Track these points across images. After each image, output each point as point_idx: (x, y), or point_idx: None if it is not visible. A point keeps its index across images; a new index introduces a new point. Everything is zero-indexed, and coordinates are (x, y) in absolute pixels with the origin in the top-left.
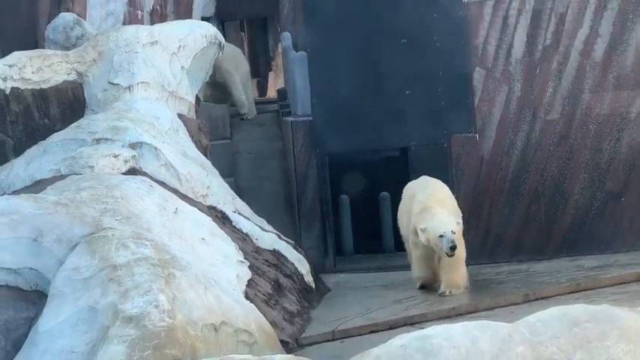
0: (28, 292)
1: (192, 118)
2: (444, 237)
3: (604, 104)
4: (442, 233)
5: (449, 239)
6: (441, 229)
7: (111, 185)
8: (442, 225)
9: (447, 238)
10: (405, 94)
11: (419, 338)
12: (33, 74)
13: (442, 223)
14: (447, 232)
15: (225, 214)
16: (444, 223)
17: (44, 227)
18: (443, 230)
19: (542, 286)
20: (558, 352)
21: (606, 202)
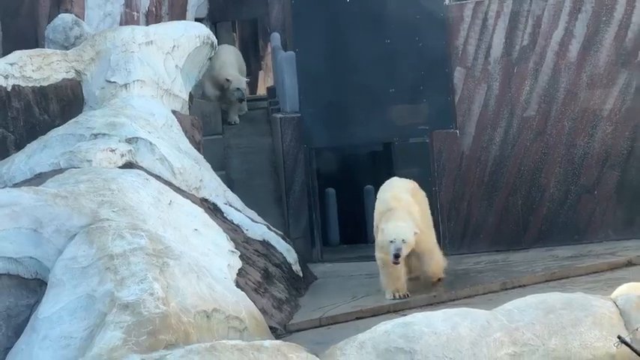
0: (28, 280)
1: (186, 114)
2: (393, 244)
3: (578, 102)
4: (392, 239)
5: (396, 247)
6: (392, 235)
7: (108, 178)
8: (395, 232)
9: (394, 246)
10: (388, 92)
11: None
12: (33, 72)
13: (396, 230)
14: (398, 240)
15: (217, 206)
16: (398, 229)
17: (44, 218)
18: (394, 237)
19: (519, 275)
20: (534, 338)
21: (580, 195)
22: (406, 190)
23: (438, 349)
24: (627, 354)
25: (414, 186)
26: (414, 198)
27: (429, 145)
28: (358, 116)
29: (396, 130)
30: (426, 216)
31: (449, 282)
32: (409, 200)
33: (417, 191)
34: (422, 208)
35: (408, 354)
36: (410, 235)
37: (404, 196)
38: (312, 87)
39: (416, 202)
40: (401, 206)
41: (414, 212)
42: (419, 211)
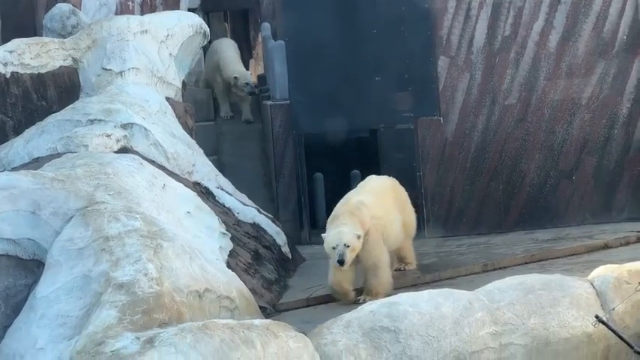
0: (26, 261)
1: (179, 101)
2: (336, 249)
3: (557, 90)
4: (335, 245)
5: (339, 252)
6: (334, 241)
7: (104, 162)
8: (336, 238)
9: (338, 251)
10: (375, 80)
11: (387, 304)
12: (31, 60)
13: (336, 236)
14: (340, 245)
15: (209, 190)
16: (338, 236)
17: (42, 201)
18: (335, 243)
19: (499, 257)
20: (514, 317)
21: (559, 180)
22: (376, 191)
23: (421, 328)
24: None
25: (392, 183)
26: (392, 197)
27: (413, 131)
28: (345, 103)
29: (382, 117)
30: (405, 211)
31: (433, 264)
32: (367, 202)
33: (396, 189)
34: (400, 205)
35: (392, 333)
36: (352, 239)
37: (366, 198)
38: (301, 75)
39: (394, 200)
40: (347, 210)
41: (365, 214)
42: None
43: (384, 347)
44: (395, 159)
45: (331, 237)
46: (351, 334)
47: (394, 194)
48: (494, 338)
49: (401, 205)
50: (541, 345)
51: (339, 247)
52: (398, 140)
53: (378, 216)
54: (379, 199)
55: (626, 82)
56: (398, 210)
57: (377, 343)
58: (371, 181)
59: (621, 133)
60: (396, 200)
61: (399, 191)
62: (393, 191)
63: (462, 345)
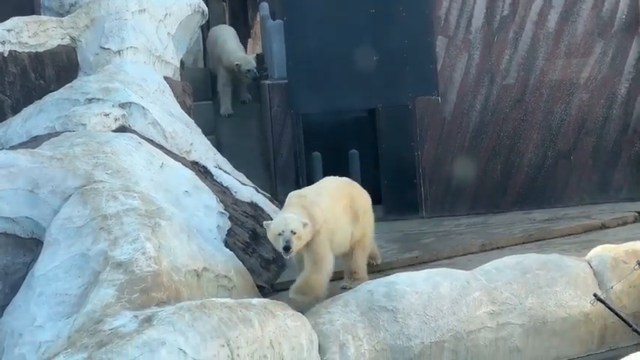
0: (25, 240)
1: (177, 80)
2: (282, 236)
3: (556, 70)
4: (280, 232)
5: (285, 238)
6: (279, 227)
7: (102, 141)
8: (282, 224)
9: (284, 237)
10: (373, 60)
11: (385, 284)
12: (30, 38)
13: (282, 222)
14: (286, 232)
15: (207, 169)
16: (285, 221)
17: (40, 179)
18: (281, 229)
19: (497, 237)
20: (512, 297)
21: (557, 161)
22: (331, 195)
23: (419, 307)
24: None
25: (350, 190)
26: (344, 204)
27: (411, 111)
28: (344, 83)
29: (380, 97)
30: (359, 221)
31: (430, 243)
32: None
33: (353, 197)
34: (353, 214)
35: (390, 312)
36: (299, 225)
37: (322, 200)
38: (299, 54)
39: (348, 207)
40: (299, 204)
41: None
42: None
43: (381, 326)
44: (393, 138)
45: (276, 223)
46: (348, 314)
47: (348, 201)
48: (492, 318)
49: (354, 214)
50: (538, 324)
51: (285, 233)
52: (396, 120)
53: (328, 220)
54: (332, 204)
55: (624, 62)
56: (349, 219)
57: (375, 323)
58: (328, 183)
59: (620, 113)
60: (350, 208)
61: (357, 199)
62: (349, 198)
63: (460, 324)
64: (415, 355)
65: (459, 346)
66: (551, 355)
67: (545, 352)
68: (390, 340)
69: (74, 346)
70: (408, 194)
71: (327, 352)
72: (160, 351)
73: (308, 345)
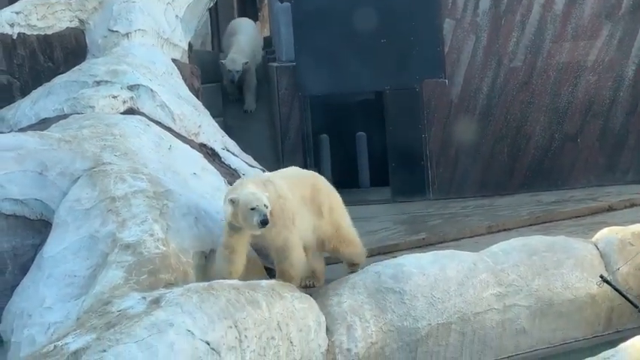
0: (34, 221)
1: (186, 62)
2: (256, 210)
3: (563, 53)
4: (254, 206)
5: (260, 212)
6: (252, 201)
7: (110, 124)
8: (254, 197)
9: (259, 211)
10: (380, 43)
11: (392, 266)
12: (38, 21)
13: (254, 196)
14: (260, 205)
15: (215, 151)
16: (256, 195)
17: (49, 162)
18: (255, 204)
19: (504, 219)
20: (518, 279)
21: (564, 143)
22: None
23: (426, 289)
24: (607, 294)
25: (313, 182)
26: (304, 194)
27: (418, 93)
28: (351, 65)
29: (388, 79)
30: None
31: (437, 225)
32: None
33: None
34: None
35: (397, 294)
36: (268, 202)
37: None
38: (307, 37)
39: (309, 199)
40: (251, 181)
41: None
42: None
43: (388, 308)
44: (400, 121)
45: (247, 197)
46: (356, 295)
47: (310, 193)
48: (499, 299)
49: (317, 208)
50: (545, 306)
51: (259, 207)
52: (403, 102)
53: (285, 196)
54: (289, 188)
55: (632, 45)
56: (310, 210)
57: (382, 304)
58: (290, 171)
59: (627, 96)
60: (311, 200)
61: (321, 194)
62: (312, 190)
63: (466, 306)
64: (422, 337)
65: (466, 328)
66: (558, 336)
67: (552, 333)
68: (397, 321)
69: (83, 327)
70: (415, 176)
71: (334, 333)
72: (168, 332)
73: (315, 326)
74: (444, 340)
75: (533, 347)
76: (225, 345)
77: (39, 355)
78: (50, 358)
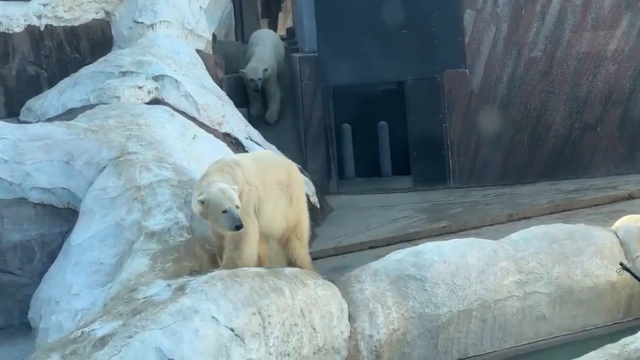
0: (61, 210)
1: (209, 53)
2: (228, 212)
3: (583, 43)
4: (226, 208)
5: (233, 216)
6: (224, 203)
7: (136, 114)
8: (225, 199)
9: (232, 215)
10: (402, 33)
11: (413, 253)
12: (65, 13)
13: (224, 196)
14: (232, 207)
15: (238, 140)
16: (226, 195)
17: (75, 151)
18: (227, 205)
19: (524, 207)
20: (538, 267)
21: (583, 132)
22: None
23: (447, 276)
24: (627, 282)
25: (287, 167)
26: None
27: (439, 83)
28: (373, 56)
29: (409, 70)
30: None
31: (458, 213)
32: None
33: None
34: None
35: (419, 281)
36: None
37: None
38: (330, 28)
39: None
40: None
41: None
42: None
43: (410, 295)
44: (421, 110)
45: (218, 197)
46: (378, 282)
47: (285, 179)
48: (519, 287)
49: (289, 196)
50: (565, 293)
51: (232, 209)
52: (424, 92)
53: (252, 183)
54: (261, 171)
55: None
56: (283, 196)
57: (403, 291)
58: (266, 154)
59: None
60: (287, 187)
61: (294, 182)
62: (286, 176)
63: (487, 293)
64: (443, 323)
65: (487, 315)
66: (578, 323)
67: (572, 320)
68: (419, 308)
69: (109, 313)
70: (436, 165)
71: (356, 320)
72: (193, 318)
73: (338, 313)
74: (464, 326)
75: (553, 334)
76: (249, 331)
77: (67, 341)
78: (78, 344)
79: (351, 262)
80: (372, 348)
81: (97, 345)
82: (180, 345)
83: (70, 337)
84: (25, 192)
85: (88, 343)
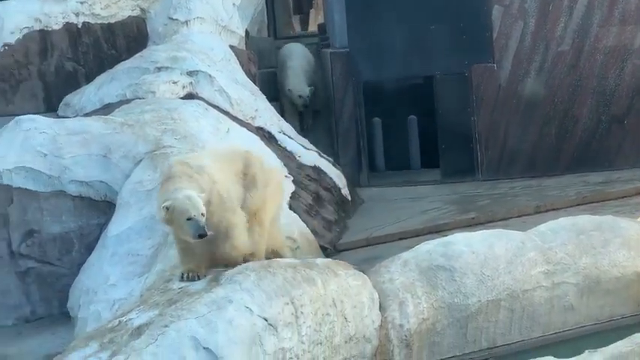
0: (98, 202)
1: (242, 49)
2: (193, 220)
3: (610, 37)
4: (191, 216)
5: (198, 224)
6: (189, 210)
7: (170, 108)
8: (190, 205)
9: (197, 223)
10: (430, 29)
11: (443, 244)
12: (102, 10)
13: (188, 203)
14: (197, 215)
15: (271, 134)
16: (191, 202)
17: (112, 145)
18: (192, 213)
19: (552, 199)
20: (566, 257)
21: (610, 125)
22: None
23: (476, 267)
24: None
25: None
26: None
27: (468, 78)
28: (403, 51)
29: (438, 64)
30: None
31: (486, 205)
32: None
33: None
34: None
35: (448, 271)
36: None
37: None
38: (360, 24)
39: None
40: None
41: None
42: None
43: (439, 285)
44: (450, 104)
45: (183, 205)
46: (408, 273)
47: (242, 166)
48: (547, 277)
49: (250, 180)
50: (592, 284)
51: (197, 216)
52: (453, 86)
53: (219, 180)
54: (220, 165)
55: None
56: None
57: (433, 281)
58: (218, 148)
59: None
60: (244, 174)
61: (253, 166)
62: (243, 165)
63: (515, 283)
64: (472, 313)
65: (515, 305)
66: (605, 313)
67: (599, 310)
68: (448, 298)
69: (146, 303)
70: (464, 158)
71: (387, 309)
72: (227, 308)
73: (369, 303)
74: (493, 316)
75: (581, 323)
76: (282, 321)
77: (104, 329)
78: (115, 333)
79: (382, 253)
80: (403, 337)
81: (133, 334)
82: (215, 334)
83: (107, 326)
84: (63, 185)
85: (125, 332)
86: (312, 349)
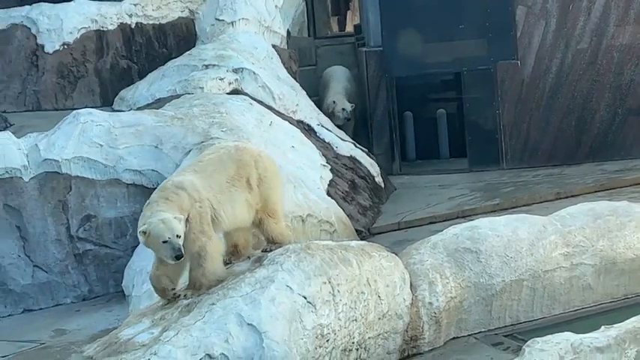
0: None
1: (284, 48)
2: (168, 242)
3: (626, 35)
4: (166, 239)
5: (174, 246)
6: (164, 234)
7: (217, 103)
8: (165, 229)
9: (172, 245)
10: (459, 28)
11: (469, 228)
12: (153, 11)
13: (163, 227)
14: (173, 237)
15: (311, 127)
16: (167, 226)
17: (163, 137)
18: (167, 236)
19: (571, 186)
20: (584, 240)
21: (626, 117)
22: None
23: (500, 249)
24: None
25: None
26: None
27: (493, 74)
28: (432, 49)
29: (465, 61)
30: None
31: (510, 192)
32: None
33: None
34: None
35: (474, 253)
36: (179, 226)
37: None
38: (393, 24)
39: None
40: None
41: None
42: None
43: (466, 266)
44: (476, 99)
45: (158, 228)
46: (436, 255)
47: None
48: (566, 259)
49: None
50: (609, 265)
51: (172, 239)
52: (479, 82)
53: (201, 198)
54: (208, 177)
55: None
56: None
57: (460, 263)
58: (205, 156)
59: None
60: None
61: (246, 166)
62: (236, 167)
63: (537, 264)
64: (497, 292)
65: (537, 284)
66: (621, 291)
67: (615, 289)
68: (474, 278)
69: None
70: (490, 148)
71: (417, 289)
72: (269, 287)
73: (401, 282)
74: (516, 295)
75: (598, 302)
76: (320, 299)
77: (156, 307)
78: (166, 310)
79: (413, 236)
80: (432, 314)
81: (183, 311)
82: (258, 311)
83: (159, 303)
84: (118, 173)
85: (175, 309)
86: (348, 325)
